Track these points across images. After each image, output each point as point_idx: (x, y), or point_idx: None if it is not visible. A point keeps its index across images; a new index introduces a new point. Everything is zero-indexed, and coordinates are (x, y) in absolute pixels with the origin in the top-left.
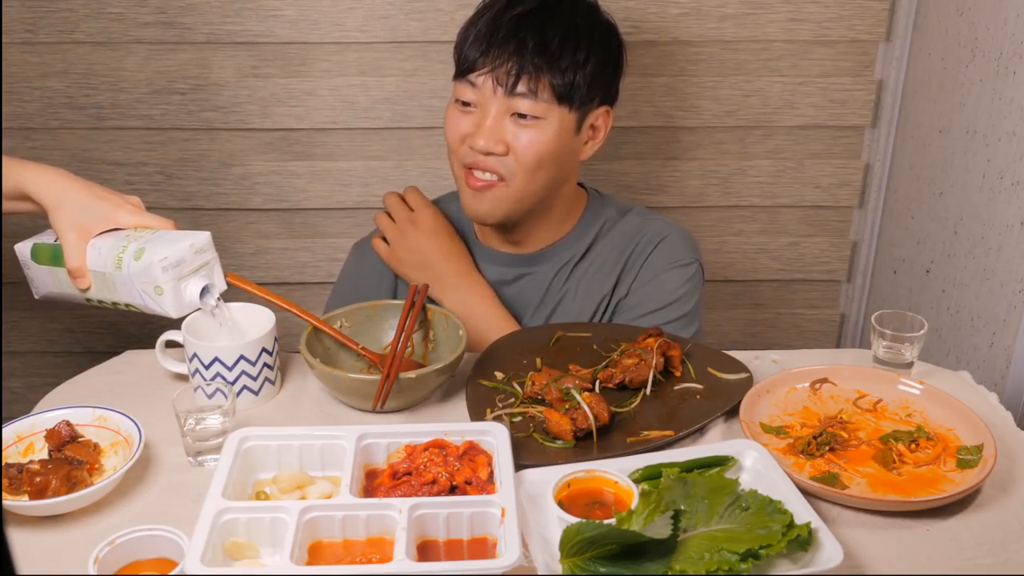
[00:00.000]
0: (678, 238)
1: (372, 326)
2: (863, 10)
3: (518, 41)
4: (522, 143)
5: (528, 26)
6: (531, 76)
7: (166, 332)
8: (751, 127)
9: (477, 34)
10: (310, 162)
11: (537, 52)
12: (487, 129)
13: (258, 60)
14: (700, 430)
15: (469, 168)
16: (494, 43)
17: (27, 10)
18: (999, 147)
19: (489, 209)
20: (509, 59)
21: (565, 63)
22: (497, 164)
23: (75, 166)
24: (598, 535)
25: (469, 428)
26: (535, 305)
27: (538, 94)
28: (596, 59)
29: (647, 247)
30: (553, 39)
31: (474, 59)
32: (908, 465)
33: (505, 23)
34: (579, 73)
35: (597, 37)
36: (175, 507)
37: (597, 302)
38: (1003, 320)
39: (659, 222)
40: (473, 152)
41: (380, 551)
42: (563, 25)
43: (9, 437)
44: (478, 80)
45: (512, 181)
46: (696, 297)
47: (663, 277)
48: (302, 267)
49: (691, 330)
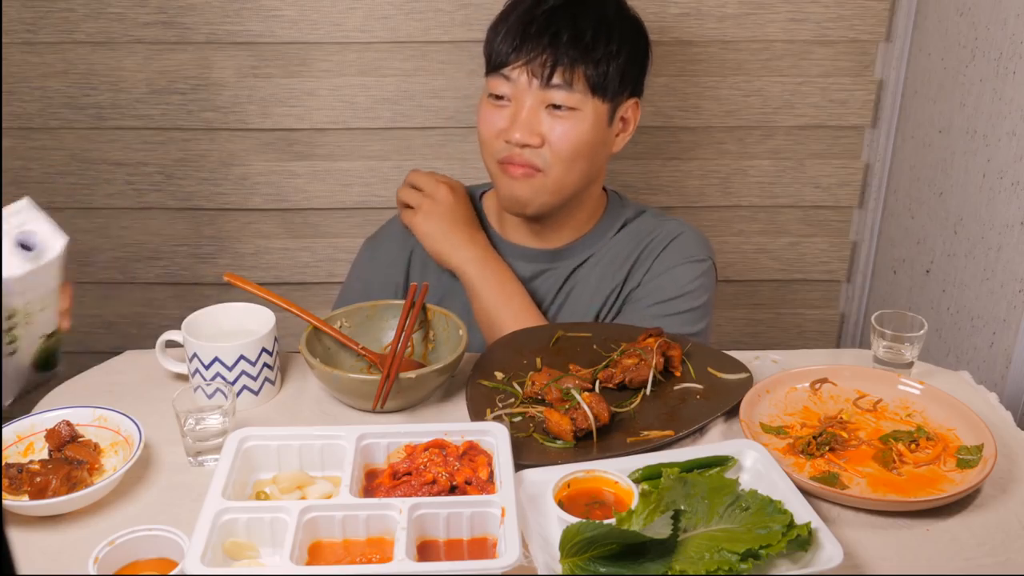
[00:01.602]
0: (692, 236)
1: (372, 326)
2: (863, 10)
3: (552, 34)
4: (557, 134)
5: (561, 19)
6: (566, 68)
7: (166, 332)
8: (751, 127)
9: (509, 29)
10: (310, 162)
11: (571, 44)
12: (523, 121)
13: (258, 60)
14: (700, 430)
15: (504, 163)
16: (528, 37)
17: (27, 10)
18: (999, 147)
19: (530, 196)
20: (544, 51)
21: (599, 54)
22: (533, 156)
23: (75, 166)
24: (598, 535)
25: (469, 428)
26: (549, 301)
27: (573, 85)
28: (627, 51)
29: (661, 243)
30: (586, 31)
31: (508, 53)
32: (908, 465)
33: (538, 17)
34: (612, 64)
35: (627, 30)
36: (175, 507)
37: (606, 294)
38: (1003, 320)
39: (673, 222)
40: (508, 146)
41: (380, 551)
42: (595, 18)
43: (9, 437)
44: (512, 74)
45: (549, 172)
46: (708, 295)
47: (675, 271)
48: (302, 267)
49: (699, 326)
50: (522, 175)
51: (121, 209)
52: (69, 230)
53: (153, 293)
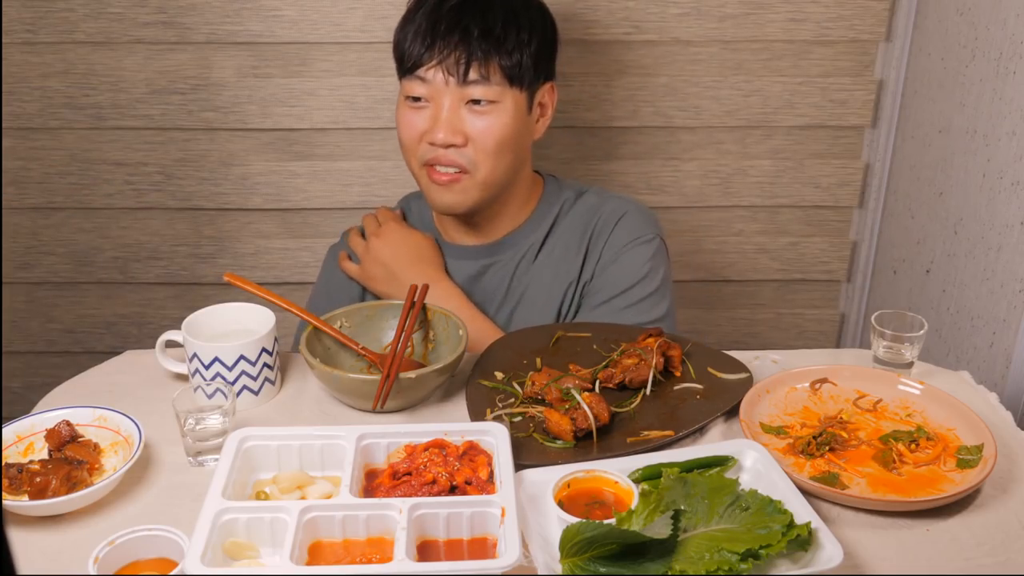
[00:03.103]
0: (636, 214)
1: (372, 326)
2: (863, 10)
3: (463, 29)
4: (480, 130)
5: (470, 14)
6: (480, 62)
7: (166, 332)
8: (751, 127)
9: (417, 29)
10: (310, 162)
11: (483, 37)
12: (444, 121)
13: (258, 60)
14: (700, 430)
15: (429, 165)
16: (439, 35)
17: (27, 10)
18: (999, 147)
19: (458, 200)
20: (456, 48)
21: (511, 45)
22: (457, 156)
23: (75, 166)
24: (598, 535)
25: (469, 428)
26: (502, 295)
27: (490, 79)
28: (538, 38)
29: (606, 226)
30: (496, 23)
31: (420, 53)
32: (908, 465)
33: (446, 14)
34: (525, 52)
35: (535, 17)
36: (175, 507)
37: (564, 287)
38: (1003, 320)
39: (615, 199)
40: (432, 148)
41: (380, 551)
42: (503, 9)
43: (9, 437)
44: (427, 74)
45: (476, 171)
46: (662, 273)
47: (625, 257)
48: (302, 267)
49: (661, 308)
50: (448, 181)
51: (121, 209)
52: (69, 230)
53: (153, 293)
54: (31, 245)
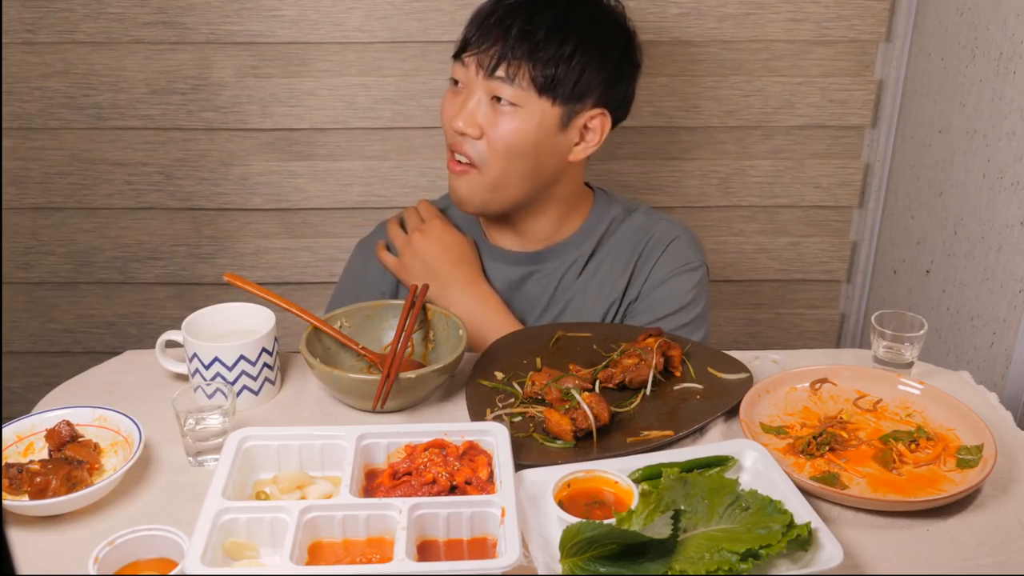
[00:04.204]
0: (686, 240)
1: (372, 326)
2: (863, 10)
3: (504, 27)
4: (495, 127)
5: (518, 13)
6: (510, 63)
7: (166, 332)
8: (751, 127)
9: (479, 14)
10: (310, 162)
11: (520, 39)
12: (466, 111)
13: (258, 60)
14: (700, 430)
15: (451, 150)
16: (485, 26)
17: (27, 10)
18: (999, 147)
19: (466, 194)
20: (494, 43)
21: (547, 55)
22: (469, 148)
23: (75, 166)
24: (598, 535)
25: (469, 428)
26: (543, 305)
27: (515, 81)
28: (586, 55)
29: (656, 248)
30: (539, 29)
31: (467, 40)
32: (908, 465)
33: (499, 8)
34: (562, 67)
35: (596, 37)
36: (175, 507)
37: (607, 305)
38: (1003, 320)
39: (666, 223)
40: (455, 134)
41: (380, 551)
42: (555, 17)
43: (9, 437)
44: (467, 60)
45: (484, 168)
46: (704, 300)
47: (672, 282)
48: (302, 267)
49: (698, 336)
50: (459, 171)
51: (121, 209)
52: (69, 230)
53: (153, 293)
54: (31, 245)
